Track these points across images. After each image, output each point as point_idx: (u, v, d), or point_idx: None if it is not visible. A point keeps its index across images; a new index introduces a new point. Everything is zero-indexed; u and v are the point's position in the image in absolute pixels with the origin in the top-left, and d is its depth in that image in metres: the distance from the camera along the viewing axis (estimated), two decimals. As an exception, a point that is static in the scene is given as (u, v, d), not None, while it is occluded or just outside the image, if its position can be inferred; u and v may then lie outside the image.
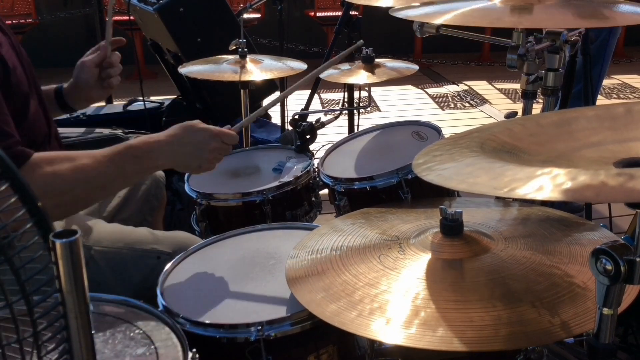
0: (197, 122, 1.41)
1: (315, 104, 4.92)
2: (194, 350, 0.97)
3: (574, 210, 2.67)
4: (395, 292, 1.00)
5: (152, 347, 0.98)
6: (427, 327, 0.91)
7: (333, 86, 3.28)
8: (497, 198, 1.42)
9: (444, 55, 6.38)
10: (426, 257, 1.08)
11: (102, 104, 4.05)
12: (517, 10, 1.33)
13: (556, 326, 0.90)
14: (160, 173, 1.93)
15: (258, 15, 5.95)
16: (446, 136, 1.16)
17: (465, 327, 0.91)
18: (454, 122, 4.67)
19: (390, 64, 2.11)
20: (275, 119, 3.61)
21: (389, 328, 0.93)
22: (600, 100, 5.02)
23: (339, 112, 2.79)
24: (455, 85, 5.80)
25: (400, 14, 1.44)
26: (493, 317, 0.92)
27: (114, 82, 1.67)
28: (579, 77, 2.47)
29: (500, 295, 0.96)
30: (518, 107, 1.62)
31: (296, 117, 2.00)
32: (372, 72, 2.05)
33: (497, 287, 0.99)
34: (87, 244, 1.46)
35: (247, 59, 2.16)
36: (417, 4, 1.53)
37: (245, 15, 2.94)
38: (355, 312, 0.97)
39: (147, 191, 1.86)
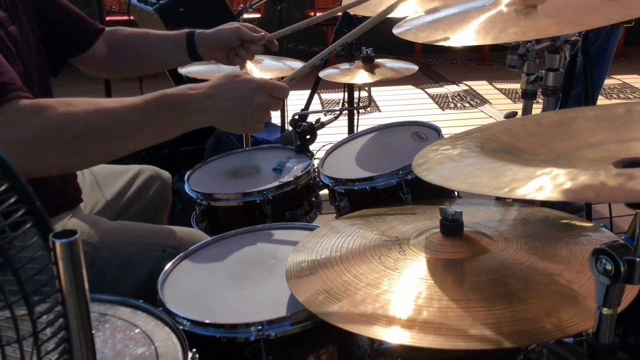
0: (242, 72, 1.27)
1: (315, 104, 4.92)
2: (194, 350, 0.97)
3: (574, 210, 2.67)
4: (397, 292, 1.00)
5: (152, 347, 0.97)
6: (430, 326, 0.91)
7: (333, 86, 3.28)
8: (497, 198, 1.42)
9: (444, 55, 6.38)
10: (427, 257, 1.08)
11: (102, 104, 4.06)
12: (522, 14, 1.29)
13: (558, 324, 0.90)
14: (167, 174, 1.92)
15: (258, 15, 5.95)
16: (446, 136, 1.16)
17: (468, 325, 0.91)
18: (454, 122, 4.67)
19: (390, 64, 2.11)
20: (275, 119, 3.61)
21: (392, 328, 0.93)
22: (600, 100, 5.02)
23: (339, 112, 2.79)
24: (455, 85, 5.80)
25: (406, 34, 1.41)
26: (496, 315, 0.92)
27: (237, 61, 1.74)
28: (579, 79, 2.47)
29: (501, 295, 0.97)
30: (518, 107, 1.63)
31: (296, 117, 1.99)
32: (372, 72, 2.05)
33: (498, 286, 0.99)
34: (92, 241, 1.44)
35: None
36: (422, 13, 1.52)
37: (245, 15, 2.95)
38: (357, 312, 0.97)
39: (154, 193, 1.85)
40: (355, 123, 3.15)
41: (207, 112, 1.22)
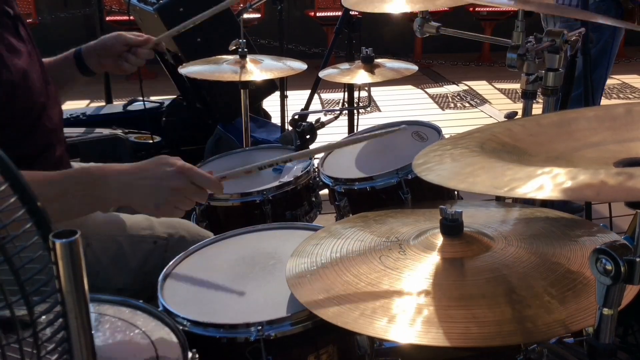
0: (173, 158, 1.22)
1: (315, 104, 4.92)
2: (194, 350, 0.97)
3: (574, 210, 2.67)
4: (397, 292, 1.00)
5: (152, 347, 0.98)
6: (431, 324, 0.91)
7: (333, 86, 3.28)
8: (497, 198, 1.42)
9: (444, 55, 6.38)
10: (427, 257, 1.08)
11: (102, 103, 4.05)
12: None
13: (559, 322, 0.90)
14: None
15: (258, 15, 5.95)
16: (446, 136, 1.16)
17: (469, 323, 0.91)
18: (454, 122, 4.68)
19: (390, 64, 2.11)
20: (275, 119, 3.61)
21: (392, 326, 0.92)
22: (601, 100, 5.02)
23: (339, 112, 2.78)
24: (455, 85, 5.80)
25: None
26: (496, 313, 0.92)
27: (126, 67, 1.68)
28: (580, 81, 2.47)
29: (502, 293, 0.96)
30: (518, 107, 1.62)
31: (296, 117, 2.00)
32: (372, 72, 2.05)
33: (498, 284, 0.99)
34: (84, 232, 1.44)
35: (247, 59, 2.16)
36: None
37: (245, 15, 2.94)
38: (357, 311, 0.97)
39: None
40: (355, 123, 3.15)
41: (121, 190, 1.18)
